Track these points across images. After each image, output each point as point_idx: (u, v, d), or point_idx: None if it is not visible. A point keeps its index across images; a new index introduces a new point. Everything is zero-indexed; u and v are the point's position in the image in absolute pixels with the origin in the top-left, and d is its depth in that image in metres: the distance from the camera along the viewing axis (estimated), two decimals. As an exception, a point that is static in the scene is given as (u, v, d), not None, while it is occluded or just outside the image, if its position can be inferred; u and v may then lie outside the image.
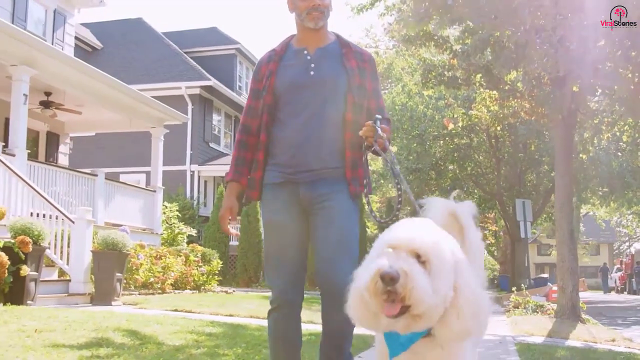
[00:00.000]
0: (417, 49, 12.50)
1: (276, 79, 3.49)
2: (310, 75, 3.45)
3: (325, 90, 3.43)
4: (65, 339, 5.73)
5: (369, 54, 3.65)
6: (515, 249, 28.11)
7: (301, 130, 3.40)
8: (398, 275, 1.90)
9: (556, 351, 7.29)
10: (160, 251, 14.41)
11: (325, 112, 3.41)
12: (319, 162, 3.39)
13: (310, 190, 3.39)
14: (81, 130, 19.55)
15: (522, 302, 14.27)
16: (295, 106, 3.45)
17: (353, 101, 3.42)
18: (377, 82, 3.63)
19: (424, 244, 1.99)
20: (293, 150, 3.40)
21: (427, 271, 1.96)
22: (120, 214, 15.78)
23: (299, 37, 3.58)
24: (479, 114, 13.82)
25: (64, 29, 18.81)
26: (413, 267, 1.93)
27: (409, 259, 1.96)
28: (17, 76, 12.57)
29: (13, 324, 6.61)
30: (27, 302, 8.89)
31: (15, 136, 12.50)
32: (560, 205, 11.85)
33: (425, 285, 1.92)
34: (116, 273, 10.91)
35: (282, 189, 3.45)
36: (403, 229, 2.08)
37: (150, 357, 5.10)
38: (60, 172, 14.33)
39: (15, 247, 8.60)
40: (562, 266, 11.85)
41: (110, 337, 6.04)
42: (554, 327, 10.37)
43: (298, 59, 3.52)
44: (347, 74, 3.45)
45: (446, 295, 1.99)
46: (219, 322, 8.25)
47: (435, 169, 27.46)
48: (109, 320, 7.39)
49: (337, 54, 3.52)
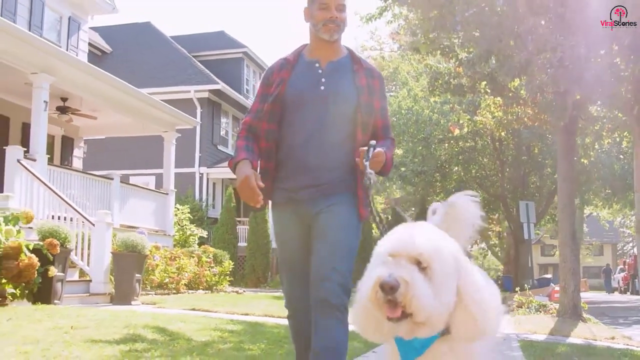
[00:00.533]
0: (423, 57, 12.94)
1: (286, 88, 3.47)
2: (320, 90, 3.44)
3: (334, 106, 3.42)
4: (100, 335, 6.17)
5: (378, 72, 3.65)
6: (518, 249, 28.52)
7: (306, 145, 3.41)
8: (398, 284, 1.89)
9: (557, 347, 7.73)
10: (175, 252, 14.86)
11: (331, 128, 3.42)
12: (322, 178, 3.40)
13: (311, 207, 3.42)
14: (95, 134, 20.01)
15: (526, 302, 14.67)
16: (302, 119, 3.44)
17: (362, 119, 3.42)
18: (384, 101, 3.62)
19: (424, 250, 1.97)
20: (297, 165, 3.43)
21: (429, 277, 1.95)
22: (134, 216, 16.21)
23: (312, 47, 3.58)
24: (483, 119, 14.25)
25: (78, 36, 19.28)
26: (413, 274, 1.92)
27: (409, 267, 1.94)
28: (37, 83, 12.99)
29: (47, 322, 7.07)
30: (54, 301, 9.36)
31: (36, 142, 12.93)
32: (563, 208, 12.29)
33: (425, 292, 1.91)
34: (135, 274, 11.37)
35: (285, 208, 3.51)
36: (402, 235, 2.06)
37: (183, 351, 5.53)
38: (77, 175, 14.76)
39: (44, 249, 9.07)
40: (564, 267, 12.30)
41: (141, 334, 6.49)
42: (556, 325, 10.80)
43: (309, 72, 3.51)
44: (357, 92, 3.44)
45: (450, 299, 1.98)
46: (238, 321, 8.70)
47: (440, 172, 27.86)
48: (134, 318, 7.84)
49: (348, 70, 3.51)
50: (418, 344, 2.07)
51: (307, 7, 3.54)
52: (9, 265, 8.34)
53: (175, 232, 18.58)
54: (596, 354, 7.41)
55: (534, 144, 25.74)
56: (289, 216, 3.49)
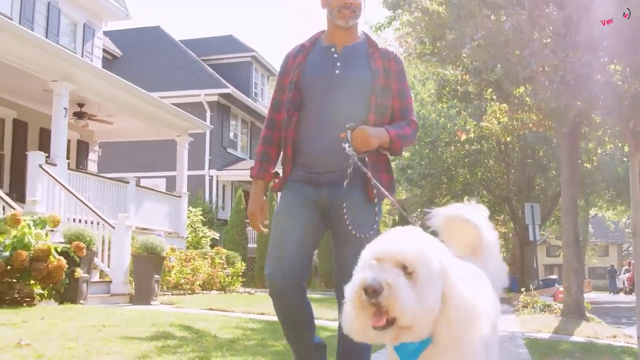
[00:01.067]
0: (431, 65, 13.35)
1: (302, 74, 3.51)
2: (335, 74, 3.46)
3: (350, 89, 3.43)
4: (132, 333, 6.60)
5: (395, 54, 3.63)
6: (524, 250, 28.92)
7: (324, 129, 3.42)
8: (381, 288, 1.88)
9: (560, 345, 8.15)
10: (189, 254, 15.29)
11: (348, 112, 3.39)
12: (341, 163, 3.35)
13: (330, 195, 3.42)
14: (110, 138, 20.47)
15: (531, 302, 15.08)
16: (319, 104, 3.46)
17: (376, 103, 3.42)
18: (403, 82, 3.58)
19: (410, 254, 1.96)
20: (316, 150, 3.44)
21: (414, 281, 1.93)
22: (149, 218, 16.65)
23: (329, 33, 3.60)
24: (489, 125, 14.68)
25: (93, 42, 19.76)
26: (397, 278, 1.91)
27: (393, 270, 1.93)
28: (57, 91, 13.42)
29: (79, 320, 7.51)
30: (80, 301, 9.81)
31: (56, 147, 13.37)
32: (566, 211, 12.72)
33: (409, 296, 1.90)
34: (154, 275, 11.81)
35: (303, 186, 3.49)
36: (389, 239, 2.05)
37: (212, 347, 5.96)
38: (93, 179, 15.23)
39: (71, 251, 9.51)
40: (568, 268, 12.72)
41: (170, 331, 6.93)
42: (560, 324, 11.21)
43: (325, 56, 3.54)
44: (372, 75, 3.44)
45: (435, 304, 1.97)
46: (256, 320, 9.13)
47: (446, 174, 28.28)
48: (159, 317, 8.28)
49: (363, 54, 3.50)
50: (412, 348, 2.06)
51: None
52: (39, 267, 8.78)
53: (188, 234, 19.03)
54: (597, 351, 7.82)
55: (539, 147, 26.14)
56: (307, 195, 3.48)
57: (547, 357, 6.87)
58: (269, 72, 34.07)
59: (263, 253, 24.01)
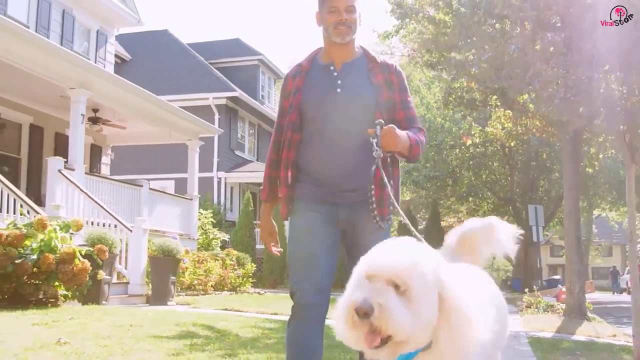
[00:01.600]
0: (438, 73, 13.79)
1: (302, 96, 3.46)
2: (337, 93, 3.41)
3: (353, 107, 3.38)
4: (159, 332, 7.03)
5: (395, 66, 3.60)
6: (528, 251, 29.32)
7: (332, 151, 3.38)
8: (372, 309, 1.87)
9: (562, 343, 8.57)
10: (202, 256, 15.73)
11: (353, 130, 3.35)
12: (355, 183, 3.35)
13: (349, 216, 3.42)
14: (123, 142, 20.91)
15: (534, 302, 15.47)
16: (323, 124, 3.41)
17: (382, 118, 3.30)
18: (405, 93, 3.56)
19: (401, 271, 1.93)
20: (328, 171, 3.40)
21: (407, 298, 1.92)
22: (161, 220, 17.07)
23: (326, 51, 3.56)
24: (494, 130, 15.10)
25: (106, 48, 20.22)
26: (388, 298, 1.90)
27: (384, 290, 1.92)
28: (75, 98, 13.85)
29: (106, 320, 7.94)
30: (102, 302, 10.25)
31: (74, 152, 13.81)
32: (568, 214, 13.15)
33: (401, 315, 1.88)
34: (170, 276, 12.24)
35: (318, 204, 3.43)
36: (378, 256, 2.03)
37: (236, 345, 6.39)
38: (108, 182, 15.67)
39: (94, 254, 9.95)
40: (570, 269, 13.14)
41: (194, 331, 7.36)
42: (562, 324, 11.62)
43: (324, 75, 3.48)
44: (374, 90, 3.41)
45: (432, 316, 1.96)
46: (272, 319, 9.56)
47: (451, 176, 28.74)
48: (180, 317, 8.70)
49: (363, 69, 3.48)
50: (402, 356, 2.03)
51: (318, 12, 3.55)
52: (65, 269, 9.22)
53: (199, 235, 19.46)
54: (597, 349, 8.24)
55: (542, 150, 26.59)
56: (324, 212, 3.43)
57: (549, 355, 7.29)
58: (276, 75, 34.52)
59: (270, 254, 24.45)
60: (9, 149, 16.45)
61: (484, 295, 2.26)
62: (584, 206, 28.84)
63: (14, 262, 8.86)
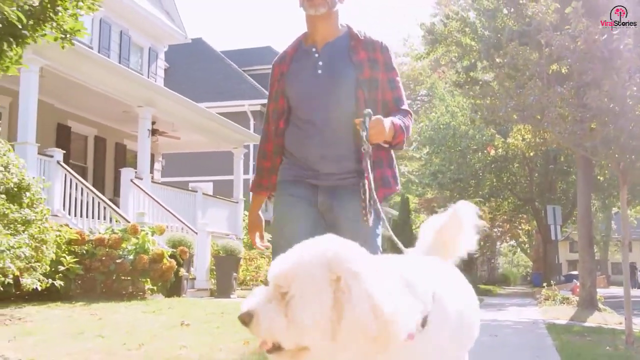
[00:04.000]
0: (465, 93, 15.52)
1: (286, 81, 3.35)
2: (318, 75, 3.27)
3: (333, 87, 3.23)
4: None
5: (381, 43, 3.36)
6: (547, 248, 30.93)
7: (315, 133, 3.24)
8: (249, 317, 1.86)
9: (573, 328, 10.35)
10: (252, 254, 17.52)
11: (337, 112, 3.22)
12: (335, 166, 3.23)
13: (329, 199, 3.23)
14: (174, 149, 22.74)
15: (552, 295, 17.21)
16: (308, 109, 3.28)
17: (364, 97, 3.21)
18: (392, 72, 3.36)
19: (282, 274, 1.86)
20: (311, 154, 3.25)
21: (285, 301, 1.82)
22: (212, 222, 18.83)
23: (308, 32, 3.39)
24: (515, 142, 16.77)
25: (157, 64, 22.11)
26: (258, 304, 1.86)
27: (263, 295, 1.88)
28: (142, 115, 15.68)
29: (198, 309, 9.75)
30: (182, 295, 12.08)
31: (142, 163, 15.65)
32: (581, 219, 14.88)
33: (274, 321, 1.80)
34: (233, 273, 14.05)
35: (298, 187, 3.29)
36: (279, 259, 1.94)
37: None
38: (168, 189, 17.50)
39: (177, 255, 11.78)
40: (583, 267, 14.89)
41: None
42: (575, 314, 13.36)
43: (306, 59, 3.34)
44: (354, 68, 3.24)
45: (321, 317, 1.79)
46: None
47: (474, 178, 30.43)
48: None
49: (345, 48, 3.30)
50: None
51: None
52: (155, 267, 11.05)
53: (244, 235, 21.23)
54: (602, 333, 9.97)
55: (560, 154, 28.18)
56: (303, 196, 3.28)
57: (562, 336, 9.02)
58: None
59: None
60: (77, 159, 18.31)
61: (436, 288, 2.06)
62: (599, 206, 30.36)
63: (115, 261, 10.69)
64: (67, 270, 9.95)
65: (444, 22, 15.36)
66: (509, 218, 37.91)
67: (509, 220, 39.11)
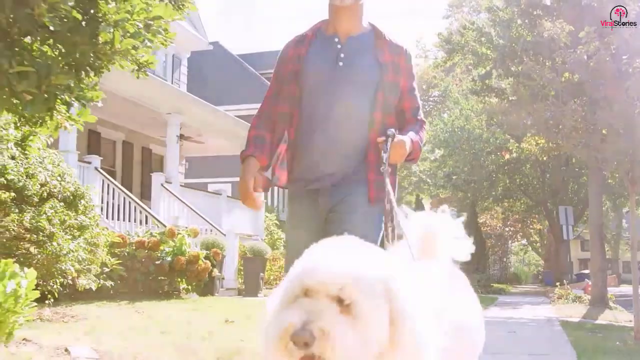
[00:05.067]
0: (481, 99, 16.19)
1: (303, 65, 3.17)
2: (338, 66, 3.13)
3: (354, 84, 3.11)
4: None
5: (405, 49, 3.26)
6: (558, 248, 31.47)
7: (324, 128, 3.12)
8: (313, 338, 1.54)
9: (586, 325, 11.05)
10: (275, 255, 18.21)
11: (352, 108, 3.11)
12: (342, 164, 3.13)
13: (329, 198, 3.13)
14: (197, 153, 23.47)
15: (564, 294, 17.86)
16: (320, 99, 3.14)
17: (384, 100, 3.13)
18: (412, 80, 3.27)
19: (345, 282, 1.60)
20: (316, 152, 3.14)
21: (353, 316, 1.59)
22: (235, 223, 19.52)
23: (330, 21, 3.24)
24: (529, 147, 17.42)
25: (180, 70, 22.87)
26: (333, 322, 1.57)
27: (327, 309, 1.58)
28: (171, 122, 16.41)
29: (234, 306, 10.45)
30: (215, 294, 12.80)
31: (171, 168, 16.40)
32: (592, 222, 15.56)
33: (349, 341, 1.56)
34: (260, 273, 14.76)
35: (302, 203, 3.23)
36: (318, 264, 1.66)
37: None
38: (195, 192, 18.21)
39: (211, 256, 12.51)
40: (594, 267, 15.58)
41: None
42: (587, 312, 14.03)
43: (327, 47, 3.20)
44: (380, 69, 3.13)
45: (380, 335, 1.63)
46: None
47: (488, 180, 31.05)
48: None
49: (370, 45, 3.18)
50: None
51: None
52: (192, 268, 11.76)
53: (265, 236, 21.94)
54: (612, 329, 10.64)
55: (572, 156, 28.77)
56: (305, 212, 3.20)
57: (575, 332, 9.70)
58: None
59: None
60: (106, 163, 19.01)
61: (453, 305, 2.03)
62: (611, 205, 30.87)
63: (154, 263, 11.41)
64: (111, 272, 10.67)
65: (461, 32, 16.04)
66: (521, 218, 38.44)
67: (521, 220, 39.64)
